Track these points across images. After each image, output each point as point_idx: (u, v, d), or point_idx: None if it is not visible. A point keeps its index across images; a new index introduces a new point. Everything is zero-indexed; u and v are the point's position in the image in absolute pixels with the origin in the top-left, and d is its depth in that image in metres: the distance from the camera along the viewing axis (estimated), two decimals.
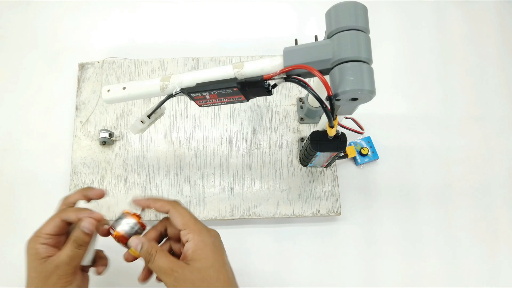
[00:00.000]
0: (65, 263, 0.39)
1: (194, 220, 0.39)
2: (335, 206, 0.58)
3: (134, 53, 0.66)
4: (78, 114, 0.61)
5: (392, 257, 0.59)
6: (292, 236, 0.59)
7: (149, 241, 0.39)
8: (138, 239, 0.40)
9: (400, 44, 0.70)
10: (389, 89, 0.66)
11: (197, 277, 0.37)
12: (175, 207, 0.40)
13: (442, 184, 0.63)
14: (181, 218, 0.39)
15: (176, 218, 0.39)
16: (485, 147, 0.65)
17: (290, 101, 0.62)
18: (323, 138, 0.48)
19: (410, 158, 0.64)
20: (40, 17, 0.69)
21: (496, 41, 0.71)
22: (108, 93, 0.45)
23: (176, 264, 0.37)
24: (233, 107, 0.62)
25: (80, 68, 0.63)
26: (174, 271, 0.37)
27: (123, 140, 0.60)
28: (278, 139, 0.61)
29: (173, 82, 0.42)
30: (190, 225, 0.39)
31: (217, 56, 0.63)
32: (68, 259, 0.39)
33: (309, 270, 0.58)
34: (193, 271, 0.37)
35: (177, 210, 0.40)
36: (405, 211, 0.61)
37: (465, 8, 0.72)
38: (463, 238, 0.60)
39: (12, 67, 0.66)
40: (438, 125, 0.65)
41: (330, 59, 0.37)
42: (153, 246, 0.39)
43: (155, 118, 0.47)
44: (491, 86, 0.68)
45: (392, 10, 0.71)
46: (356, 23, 0.36)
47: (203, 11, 0.71)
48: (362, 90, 0.35)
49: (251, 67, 0.39)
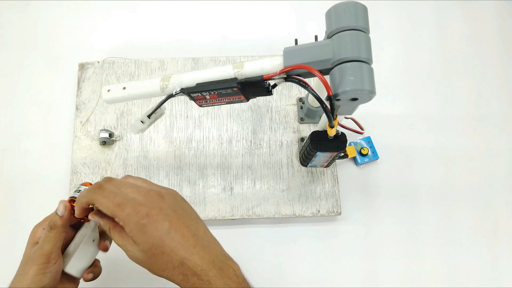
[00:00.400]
0: (39, 246, 0.39)
1: (119, 205, 0.36)
2: (335, 206, 0.58)
3: (134, 53, 0.66)
4: (78, 114, 0.61)
5: (392, 257, 0.59)
6: (292, 236, 0.59)
7: (102, 219, 0.38)
8: (96, 216, 0.38)
9: (400, 44, 0.70)
10: (389, 89, 0.66)
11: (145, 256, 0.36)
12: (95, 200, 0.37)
13: (442, 184, 0.63)
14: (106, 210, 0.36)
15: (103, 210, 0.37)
16: (485, 147, 0.65)
17: (290, 101, 0.62)
18: (323, 138, 0.48)
19: (410, 158, 0.64)
20: (40, 17, 0.69)
21: (496, 41, 0.71)
22: (108, 93, 0.45)
23: (128, 242, 0.36)
24: (233, 107, 0.62)
25: (80, 68, 0.63)
26: (127, 249, 0.37)
27: (123, 140, 0.60)
28: (278, 139, 0.61)
29: (173, 82, 0.42)
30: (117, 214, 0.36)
31: (217, 56, 0.63)
32: (41, 241, 0.39)
33: (309, 270, 0.58)
34: (139, 251, 0.36)
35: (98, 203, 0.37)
36: (405, 211, 0.61)
37: (465, 8, 0.72)
38: (463, 238, 0.60)
39: (12, 67, 0.66)
40: (438, 125, 0.65)
41: (330, 59, 0.37)
42: (105, 223, 0.38)
43: (155, 118, 0.47)
44: (491, 86, 0.68)
45: (392, 10, 0.71)
46: (356, 23, 0.36)
47: (203, 11, 0.71)
48: (362, 90, 0.35)
49: (251, 67, 0.39)
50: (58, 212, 0.39)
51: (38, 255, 0.38)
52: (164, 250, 0.35)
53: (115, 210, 0.36)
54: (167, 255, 0.35)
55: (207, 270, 0.35)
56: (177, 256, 0.35)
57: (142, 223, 0.35)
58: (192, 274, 0.35)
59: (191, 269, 0.35)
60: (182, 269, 0.35)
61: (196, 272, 0.35)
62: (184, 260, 0.35)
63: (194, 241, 0.36)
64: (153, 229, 0.35)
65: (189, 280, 0.35)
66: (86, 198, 0.38)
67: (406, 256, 0.59)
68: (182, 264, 0.35)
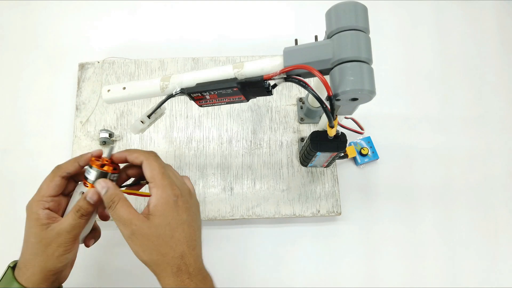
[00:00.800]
0: (66, 231, 0.39)
1: (162, 175, 0.38)
2: (335, 206, 0.58)
3: (134, 53, 0.66)
4: (78, 114, 0.61)
5: (392, 257, 0.59)
6: (292, 236, 0.59)
7: (114, 188, 0.39)
8: (105, 182, 0.39)
9: (400, 44, 0.70)
10: (389, 89, 0.66)
11: (153, 233, 0.36)
12: (148, 159, 0.39)
13: (442, 184, 0.63)
14: (150, 171, 0.38)
15: (146, 170, 0.39)
16: (485, 147, 0.65)
17: (290, 101, 0.62)
18: (323, 138, 0.48)
19: (410, 158, 0.64)
20: (40, 17, 0.69)
21: (496, 41, 0.71)
22: (108, 93, 0.45)
23: (136, 217, 0.37)
24: (233, 107, 0.62)
25: (80, 68, 0.63)
26: (132, 223, 0.37)
27: (123, 140, 0.60)
28: (278, 139, 0.61)
29: (173, 82, 0.42)
30: (157, 180, 0.38)
31: (217, 56, 0.63)
32: (70, 227, 0.39)
33: (309, 270, 0.58)
34: (150, 226, 0.37)
35: (149, 163, 0.39)
36: (405, 211, 0.61)
37: (465, 8, 0.72)
38: (463, 238, 0.60)
39: (12, 67, 0.66)
40: (438, 125, 0.66)
41: (330, 59, 0.37)
42: (116, 194, 0.38)
43: (155, 118, 0.47)
44: (491, 86, 0.68)
45: (392, 10, 0.71)
46: (356, 23, 0.36)
47: (203, 11, 0.71)
48: (362, 90, 0.35)
49: (251, 67, 0.39)
50: (89, 199, 0.39)
51: (65, 239, 0.38)
52: (174, 235, 0.37)
53: (157, 176, 0.38)
54: (174, 241, 0.37)
55: (196, 273, 0.37)
56: (181, 248, 0.37)
57: (172, 199, 0.37)
58: (186, 270, 0.36)
59: (186, 265, 0.36)
60: (180, 262, 0.36)
61: (189, 271, 0.37)
62: (185, 255, 0.37)
63: (195, 244, 0.38)
64: (175, 211, 0.37)
65: (181, 275, 0.36)
66: (137, 153, 0.40)
67: (406, 256, 0.59)
68: (181, 257, 0.37)
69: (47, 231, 0.39)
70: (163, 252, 0.36)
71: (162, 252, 0.36)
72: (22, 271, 0.39)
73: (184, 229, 0.38)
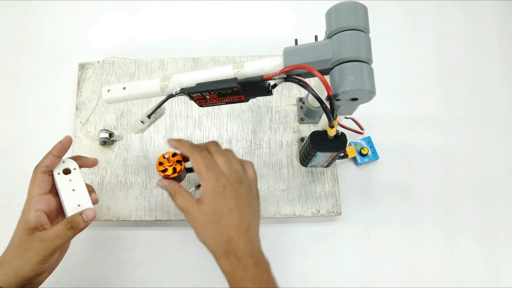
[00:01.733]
0: (49, 240, 0.39)
1: (207, 167, 0.42)
2: (335, 206, 0.58)
3: (134, 53, 0.66)
4: (78, 114, 0.61)
5: (392, 257, 0.59)
6: (292, 236, 0.59)
7: (169, 184, 0.44)
8: (162, 182, 0.45)
9: (400, 44, 0.70)
10: (389, 89, 0.66)
11: (202, 219, 0.41)
12: (192, 155, 0.43)
13: (442, 184, 0.63)
14: (196, 166, 0.43)
15: (193, 165, 0.43)
16: (485, 147, 0.65)
17: (290, 101, 0.62)
18: (323, 138, 0.48)
19: (410, 158, 0.64)
20: (40, 17, 0.69)
21: (496, 41, 0.71)
22: (108, 93, 0.45)
23: (190, 204, 0.42)
24: (233, 107, 0.62)
25: (80, 68, 0.63)
26: (188, 210, 0.42)
27: (123, 140, 0.60)
28: (278, 139, 0.61)
29: (173, 82, 0.42)
30: (202, 173, 0.42)
31: (217, 56, 0.63)
32: (54, 236, 0.39)
33: (309, 270, 0.58)
34: (200, 212, 0.41)
35: (193, 158, 0.43)
36: (405, 211, 0.61)
37: (465, 8, 0.72)
38: (463, 238, 0.60)
39: (12, 67, 0.66)
40: (438, 125, 0.65)
41: (330, 59, 0.37)
42: (172, 188, 0.44)
43: (155, 118, 0.47)
44: (491, 86, 0.68)
45: (392, 10, 0.71)
46: (356, 23, 0.36)
47: (203, 11, 0.71)
48: (362, 90, 0.35)
49: (251, 67, 0.39)
50: (85, 217, 0.41)
51: (44, 248, 0.39)
52: (220, 222, 0.41)
53: (202, 169, 0.42)
54: (221, 227, 0.41)
55: (246, 257, 0.40)
56: (228, 233, 0.40)
57: (217, 189, 0.41)
58: (233, 253, 0.40)
59: (234, 249, 0.40)
60: (227, 245, 0.40)
61: (237, 254, 0.40)
62: (232, 239, 0.40)
63: (245, 229, 0.41)
64: (221, 200, 0.41)
65: (230, 257, 0.40)
66: (184, 148, 0.44)
67: (406, 256, 0.59)
68: (228, 241, 0.40)
69: (31, 236, 0.39)
70: (211, 236, 0.41)
71: (210, 236, 0.41)
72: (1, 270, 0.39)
73: (232, 215, 0.41)
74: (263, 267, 0.41)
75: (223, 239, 0.40)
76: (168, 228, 0.59)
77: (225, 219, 0.41)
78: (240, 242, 0.40)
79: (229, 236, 0.40)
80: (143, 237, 0.58)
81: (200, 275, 0.57)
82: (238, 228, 0.41)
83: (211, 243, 0.41)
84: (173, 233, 0.59)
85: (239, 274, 0.39)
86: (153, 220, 0.56)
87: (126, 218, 0.56)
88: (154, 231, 0.59)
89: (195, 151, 0.43)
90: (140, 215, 0.56)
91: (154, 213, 0.57)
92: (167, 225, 0.59)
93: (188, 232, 0.59)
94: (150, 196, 0.57)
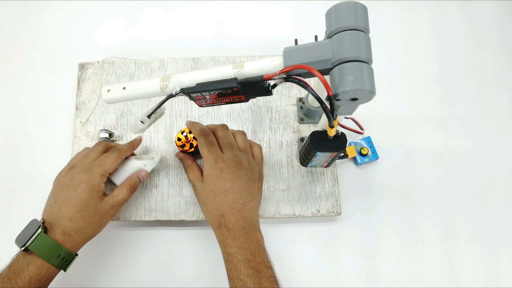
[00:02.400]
0: (119, 204, 0.49)
1: (208, 151, 0.48)
2: (335, 206, 0.58)
3: (134, 53, 0.66)
4: (78, 114, 0.61)
5: (392, 257, 0.59)
6: (292, 236, 0.59)
7: (184, 158, 0.54)
8: (180, 155, 0.55)
9: (400, 44, 0.70)
10: (389, 89, 0.66)
11: (203, 195, 0.49)
12: (199, 138, 0.50)
13: (442, 184, 0.63)
14: (200, 148, 0.49)
15: (198, 146, 0.50)
16: (485, 147, 0.65)
17: (290, 101, 0.62)
18: (323, 138, 0.48)
19: (410, 158, 0.64)
20: (40, 17, 0.69)
21: (496, 41, 0.71)
22: (108, 93, 0.45)
23: (197, 179, 0.50)
24: (233, 107, 0.62)
25: (80, 68, 0.63)
26: (194, 184, 0.51)
27: (123, 140, 0.60)
28: (278, 139, 0.61)
29: (173, 82, 0.42)
30: (204, 156, 0.49)
31: (217, 56, 0.63)
32: (123, 200, 0.49)
33: (309, 270, 0.58)
34: (202, 188, 0.49)
35: (199, 141, 0.50)
36: (405, 211, 0.61)
37: (465, 8, 0.72)
38: (463, 238, 0.60)
39: (12, 67, 0.66)
40: (438, 125, 0.65)
41: (330, 59, 0.36)
42: (186, 162, 0.53)
43: (155, 118, 0.48)
44: (491, 86, 0.68)
45: (392, 10, 0.71)
46: (356, 23, 0.36)
47: (203, 11, 0.71)
48: (362, 90, 0.35)
49: (251, 67, 0.39)
50: (141, 178, 0.52)
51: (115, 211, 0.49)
52: (216, 199, 0.47)
53: (204, 152, 0.48)
54: (217, 203, 0.47)
55: (236, 229, 0.45)
56: (221, 209, 0.47)
57: (215, 171, 0.47)
58: (224, 226, 0.46)
59: (225, 222, 0.46)
60: (220, 219, 0.46)
61: (228, 226, 0.45)
62: (224, 214, 0.46)
63: (239, 207, 0.46)
64: (217, 180, 0.47)
65: (221, 229, 0.46)
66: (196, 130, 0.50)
67: (406, 256, 0.59)
68: (221, 216, 0.46)
69: (102, 203, 0.47)
70: (208, 210, 0.48)
71: (208, 210, 0.48)
72: (72, 237, 0.44)
73: (227, 194, 0.47)
74: (253, 238, 0.45)
75: (217, 213, 0.47)
76: (168, 228, 0.59)
77: (220, 197, 0.47)
78: (232, 217, 0.46)
79: (223, 212, 0.46)
80: (143, 237, 0.59)
81: (201, 275, 0.57)
82: (232, 206, 0.46)
83: (208, 216, 0.48)
84: (173, 233, 0.59)
85: (228, 242, 0.45)
86: (153, 220, 0.56)
87: (126, 218, 0.56)
88: (154, 231, 0.59)
89: (201, 135, 0.50)
90: (140, 215, 0.56)
91: (154, 213, 0.57)
92: (167, 225, 0.59)
93: (188, 232, 0.59)
94: (150, 196, 0.57)
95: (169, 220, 0.56)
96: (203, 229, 0.59)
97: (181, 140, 0.54)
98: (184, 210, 0.57)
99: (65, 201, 0.45)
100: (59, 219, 0.44)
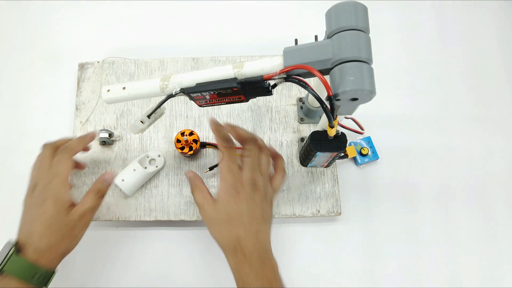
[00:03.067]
0: (88, 212, 0.46)
1: (228, 169, 0.45)
2: (335, 206, 0.58)
3: (134, 53, 0.66)
4: (78, 114, 0.61)
5: (392, 257, 0.59)
6: (292, 236, 0.59)
7: (193, 178, 0.49)
8: (189, 174, 0.50)
9: (400, 44, 0.70)
10: (389, 89, 0.66)
11: (216, 217, 0.45)
12: (222, 154, 0.46)
13: (442, 184, 0.63)
14: (220, 162, 0.46)
15: (218, 160, 0.49)
16: (485, 147, 0.65)
17: (290, 101, 0.62)
18: (323, 138, 0.48)
19: (410, 158, 0.64)
20: (40, 17, 0.69)
21: (496, 41, 0.71)
22: (108, 93, 0.45)
23: (206, 201, 0.46)
24: (233, 107, 0.62)
25: (80, 68, 0.63)
26: (203, 207, 0.46)
27: (123, 140, 0.60)
28: (278, 139, 0.61)
29: (173, 82, 0.42)
30: (222, 173, 0.45)
31: (217, 56, 0.63)
32: (91, 208, 0.46)
33: (309, 270, 0.58)
34: (214, 210, 0.45)
35: (221, 156, 0.46)
36: (405, 211, 0.61)
37: (465, 8, 0.72)
38: (463, 238, 0.60)
39: (12, 67, 0.66)
40: (438, 125, 0.65)
41: (330, 59, 0.36)
42: (194, 182, 0.48)
43: (155, 118, 0.47)
44: (491, 86, 0.68)
45: (392, 10, 0.71)
46: (356, 23, 0.36)
47: (203, 11, 0.71)
48: (362, 90, 0.35)
49: (251, 67, 0.39)
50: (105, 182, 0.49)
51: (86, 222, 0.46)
52: (231, 222, 0.43)
53: (223, 169, 0.45)
54: (231, 226, 0.43)
55: (252, 255, 0.42)
56: (237, 232, 0.43)
57: (231, 193, 0.44)
58: (241, 251, 0.42)
59: (241, 247, 0.42)
60: (236, 244, 0.43)
61: (244, 252, 0.42)
62: (240, 238, 0.43)
63: (254, 231, 0.44)
64: (233, 203, 0.44)
65: (237, 254, 0.42)
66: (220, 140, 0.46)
67: (406, 256, 0.59)
68: (237, 240, 0.43)
69: (69, 215, 0.44)
70: (222, 234, 0.44)
71: (221, 234, 0.44)
72: (45, 254, 0.43)
73: (243, 217, 0.43)
74: (268, 265, 0.43)
75: (232, 237, 0.43)
76: (168, 228, 0.59)
77: (236, 220, 0.43)
78: (248, 242, 0.43)
79: (238, 235, 0.43)
80: (143, 237, 0.58)
81: (201, 275, 0.57)
82: (248, 229, 0.43)
83: (221, 240, 0.44)
84: (173, 233, 0.59)
85: (244, 270, 0.42)
86: (153, 220, 0.56)
87: (126, 218, 0.56)
88: (154, 231, 0.59)
89: (225, 149, 0.46)
90: (140, 215, 0.56)
91: (154, 213, 0.57)
92: (167, 225, 0.59)
93: (188, 232, 0.59)
94: (150, 196, 0.57)
95: (169, 220, 0.56)
96: (203, 229, 0.58)
97: (181, 142, 0.54)
98: (184, 210, 0.57)
99: (34, 219, 0.44)
100: (30, 237, 0.43)
